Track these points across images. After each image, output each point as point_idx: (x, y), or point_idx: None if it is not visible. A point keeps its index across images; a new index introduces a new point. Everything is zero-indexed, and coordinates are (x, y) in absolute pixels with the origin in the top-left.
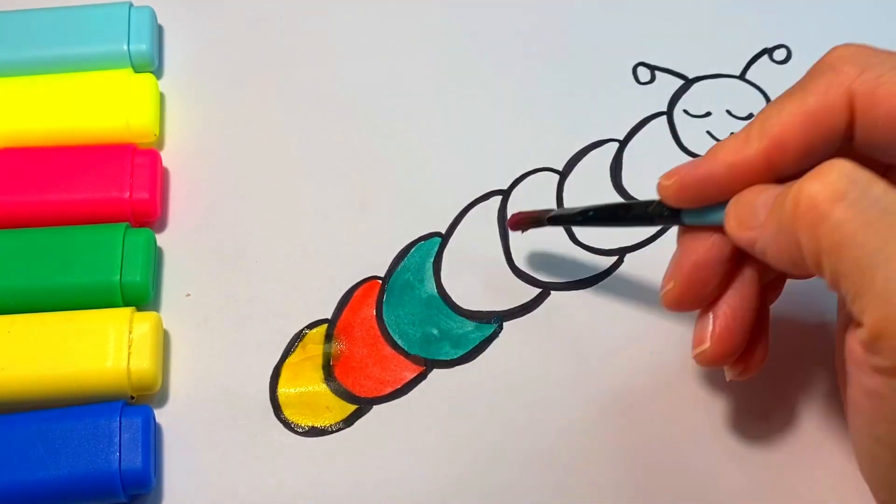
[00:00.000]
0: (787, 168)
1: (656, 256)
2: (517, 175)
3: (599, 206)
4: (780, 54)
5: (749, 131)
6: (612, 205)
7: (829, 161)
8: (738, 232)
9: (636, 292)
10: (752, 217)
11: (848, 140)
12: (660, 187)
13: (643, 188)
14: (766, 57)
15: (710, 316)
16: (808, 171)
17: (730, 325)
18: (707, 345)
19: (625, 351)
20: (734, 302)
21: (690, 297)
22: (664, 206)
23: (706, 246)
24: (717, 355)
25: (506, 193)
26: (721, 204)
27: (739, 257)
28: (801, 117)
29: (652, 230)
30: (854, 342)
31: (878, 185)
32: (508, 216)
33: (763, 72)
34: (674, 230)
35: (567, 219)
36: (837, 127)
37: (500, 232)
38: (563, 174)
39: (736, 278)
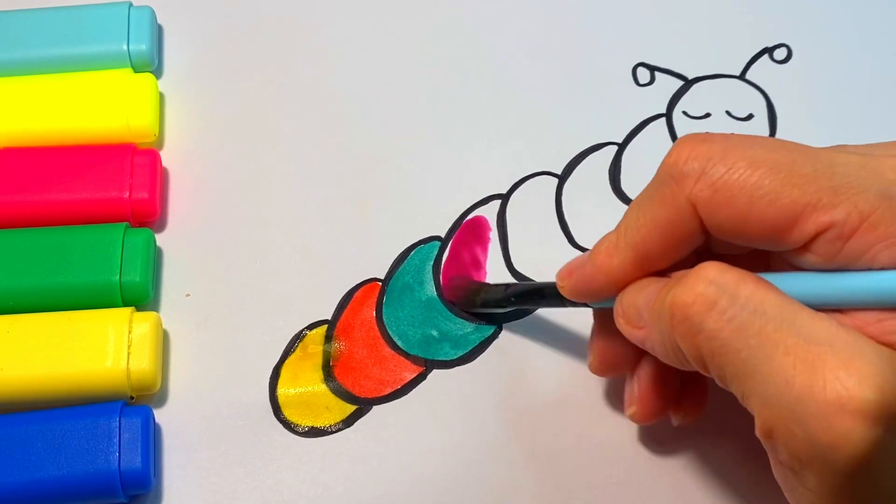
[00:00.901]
0: (657, 266)
1: None
2: (516, 179)
3: (519, 290)
4: (780, 54)
5: (615, 238)
6: (531, 288)
7: (698, 268)
8: (627, 330)
9: None
10: (636, 317)
11: (707, 234)
12: (558, 287)
13: None
14: (766, 56)
15: (634, 380)
16: (680, 265)
17: (651, 387)
18: (635, 407)
19: None
20: (652, 364)
21: (609, 368)
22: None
23: (614, 325)
24: (645, 414)
25: (505, 197)
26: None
27: None
28: (653, 227)
29: None
30: (758, 435)
31: (745, 287)
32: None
33: (763, 72)
34: None
35: (494, 303)
36: (689, 231)
37: (499, 235)
38: (562, 178)
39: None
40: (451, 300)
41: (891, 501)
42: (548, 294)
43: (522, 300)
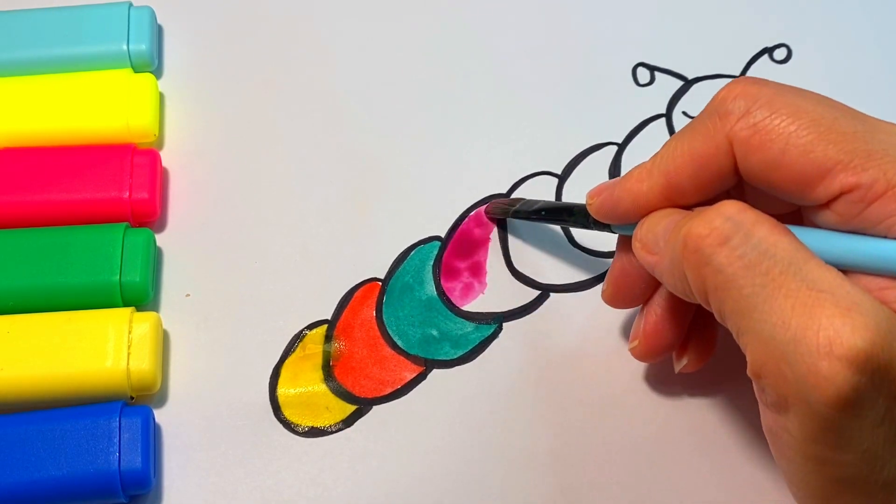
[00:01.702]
0: (685, 200)
1: None
2: (516, 179)
3: (550, 206)
4: (780, 54)
5: (651, 165)
6: (561, 206)
7: (718, 204)
8: (641, 255)
9: None
10: (653, 243)
11: (740, 176)
12: (587, 204)
13: None
14: (766, 56)
15: (643, 313)
16: (707, 202)
17: (658, 323)
18: (637, 342)
19: (623, 352)
20: (664, 301)
21: (622, 297)
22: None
23: (633, 256)
24: (647, 350)
25: (505, 197)
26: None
27: None
28: (689, 158)
29: None
30: (748, 373)
31: (761, 228)
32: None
33: (763, 72)
34: None
35: (525, 214)
36: (723, 169)
37: (499, 235)
38: (562, 178)
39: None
40: (486, 212)
41: (865, 454)
42: (576, 212)
43: (552, 215)
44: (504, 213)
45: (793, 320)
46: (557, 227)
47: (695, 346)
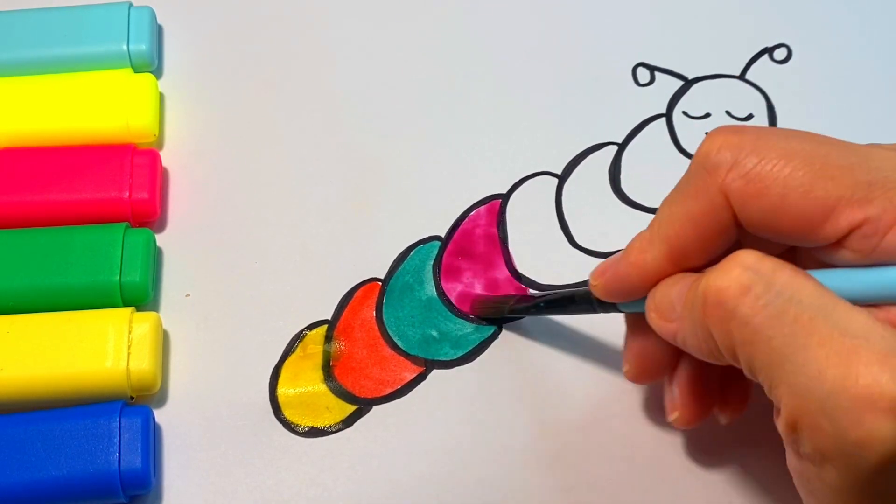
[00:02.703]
0: (691, 263)
1: None
2: (516, 179)
3: (548, 298)
4: (780, 53)
5: (652, 232)
6: (559, 295)
7: (734, 254)
8: (658, 324)
9: None
10: (669, 310)
11: (742, 229)
12: (591, 286)
13: (642, 192)
14: (766, 56)
15: (673, 385)
16: (714, 260)
17: (691, 389)
18: (677, 413)
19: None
20: (691, 368)
21: (647, 374)
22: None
23: (648, 329)
24: (688, 418)
25: (505, 197)
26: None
27: None
28: (687, 220)
29: None
30: (780, 427)
31: (782, 274)
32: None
33: (763, 71)
34: None
35: (523, 310)
36: (723, 224)
37: (499, 235)
38: (562, 178)
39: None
40: (475, 314)
41: None
42: (578, 300)
43: (552, 307)
44: (496, 312)
45: (829, 371)
46: (558, 227)
47: (733, 397)
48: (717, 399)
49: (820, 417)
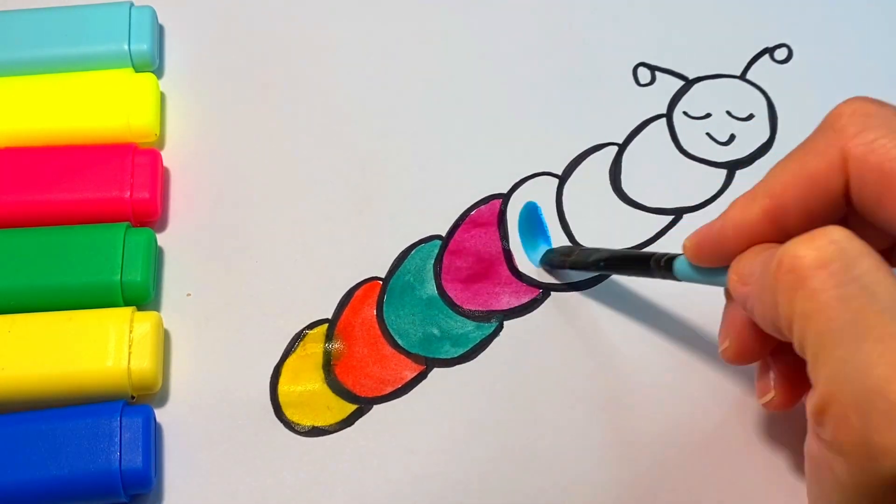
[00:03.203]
0: (791, 228)
1: None
2: (516, 179)
3: (610, 255)
4: (781, 53)
5: (755, 190)
6: (623, 255)
7: (826, 227)
8: (735, 287)
9: (634, 294)
10: (750, 273)
11: (850, 203)
12: (683, 247)
13: (643, 192)
14: (766, 56)
15: (769, 367)
16: None
17: (789, 374)
18: (772, 394)
19: (624, 351)
20: (793, 353)
21: (747, 355)
22: (660, 261)
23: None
24: (785, 401)
25: (505, 197)
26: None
27: None
28: (799, 177)
29: (651, 232)
30: (808, 407)
31: (866, 261)
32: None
33: (764, 71)
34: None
35: (582, 265)
36: (834, 188)
37: (499, 235)
38: (562, 178)
39: None
40: (541, 263)
41: None
42: (639, 261)
43: (612, 266)
44: (560, 263)
45: (877, 368)
46: (558, 227)
47: (783, 382)
48: (766, 379)
49: (851, 410)
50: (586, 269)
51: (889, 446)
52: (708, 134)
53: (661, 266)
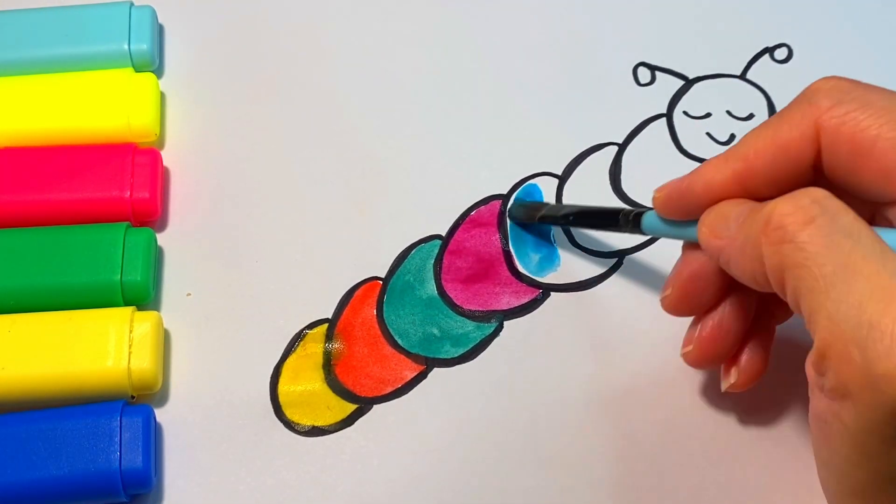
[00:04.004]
0: (758, 191)
1: (654, 259)
2: (516, 179)
3: (579, 210)
4: (781, 53)
5: (728, 153)
6: (591, 210)
7: (806, 188)
8: (708, 240)
9: (635, 294)
10: (723, 227)
11: (818, 172)
12: (653, 199)
13: (643, 192)
14: (767, 56)
15: (700, 322)
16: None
17: (715, 333)
18: (691, 347)
19: (624, 351)
20: (726, 312)
21: (686, 304)
22: (628, 216)
23: (703, 258)
24: (700, 357)
25: (505, 197)
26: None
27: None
28: (771, 144)
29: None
30: (809, 365)
31: (847, 215)
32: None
33: (764, 71)
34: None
35: (551, 219)
36: (804, 158)
37: (500, 235)
38: (563, 178)
39: (732, 292)
40: (508, 214)
41: None
42: (608, 215)
43: (581, 220)
44: (529, 217)
45: (870, 304)
46: (558, 227)
47: (747, 363)
48: (734, 357)
49: (851, 346)
50: (555, 222)
51: (891, 372)
52: (708, 134)
53: (630, 220)
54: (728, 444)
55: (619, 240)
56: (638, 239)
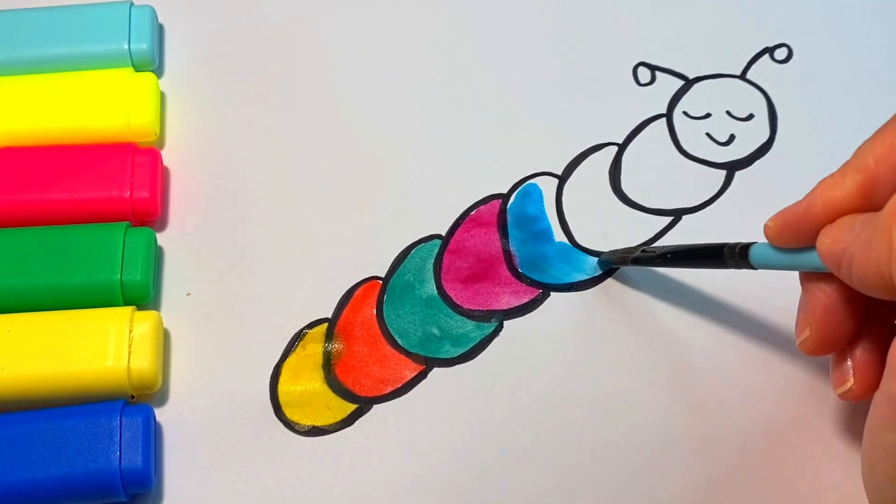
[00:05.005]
0: (884, 202)
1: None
2: (516, 179)
3: (675, 249)
4: (781, 53)
5: (845, 167)
6: (687, 248)
7: None
8: (828, 247)
9: (635, 293)
10: (848, 231)
11: None
12: (765, 228)
13: (642, 192)
14: (766, 56)
15: (848, 355)
16: None
17: (870, 361)
18: (851, 383)
19: (623, 351)
20: (872, 336)
21: (827, 344)
22: (734, 249)
23: (830, 289)
24: (865, 390)
25: (505, 197)
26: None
27: (870, 298)
28: (892, 149)
29: (651, 233)
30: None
31: None
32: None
33: (764, 71)
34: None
35: (647, 261)
36: None
37: (500, 234)
38: (563, 178)
39: (871, 316)
40: (602, 260)
41: None
42: (711, 252)
43: (680, 259)
44: (622, 260)
45: None
46: (558, 227)
47: (863, 370)
48: (845, 369)
49: None
50: (650, 263)
51: None
52: (708, 134)
53: (736, 253)
54: (728, 443)
55: (618, 240)
56: (637, 240)
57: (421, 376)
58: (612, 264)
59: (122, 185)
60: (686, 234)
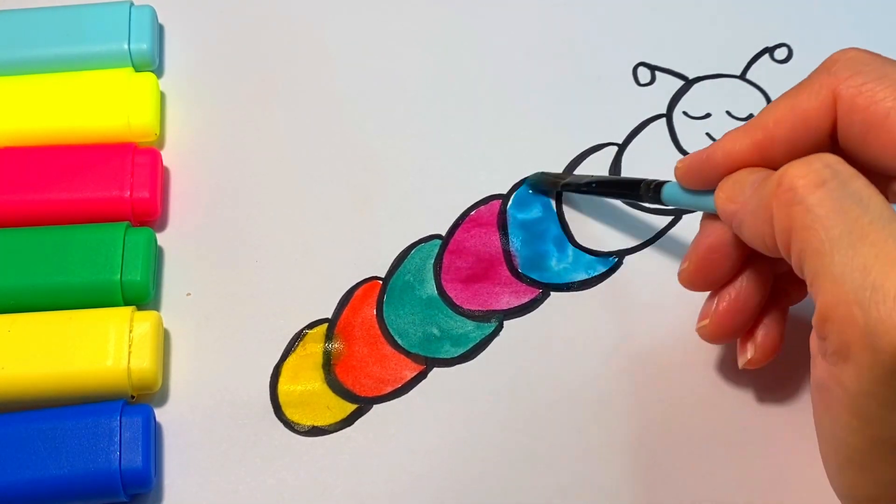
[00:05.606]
0: (777, 160)
1: (654, 258)
2: (517, 179)
3: (599, 179)
4: (781, 53)
5: (748, 123)
6: (610, 179)
7: (819, 153)
8: (724, 204)
9: (634, 294)
10: (739, 192)
11: (836, 142)
12: (675, 168)
13: None
14: (766, 56)
15: (717, 296)
16: None
17: (732, 307)
18: (708, 321)
19: (623, 351)
20: (743, 287)
21: (703, 277)
22: (649, 185)
23: (722, 230)
24: (715, 332)
25: (505, 197)
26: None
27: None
28: (790, 113)
29: (650, 233)
30: (813, 335)
31: (858, 181)
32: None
33: (764, 71)
34: (676, 232)
35: (574, 187)
36: (822, 127)
37: (500, 234)
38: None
39: (749, 267)
40: (530, 185)
41: None
42: (630, 185)
43: (603, 188)
44: (550, 186)
45: (875, 267)
46: (558, 227)
47: (763, 339)
48: (750, 332)
49: (854, 307)
50: (577, 190)
51: (892, 333)
52: (708, 134)
53: (651, 189)
54: (728, 442)
55: (619, 240)
56: (638, 239)
57: (421, 376)
58: (541, 187)
59: (122, 185)
60: (686, 233)
